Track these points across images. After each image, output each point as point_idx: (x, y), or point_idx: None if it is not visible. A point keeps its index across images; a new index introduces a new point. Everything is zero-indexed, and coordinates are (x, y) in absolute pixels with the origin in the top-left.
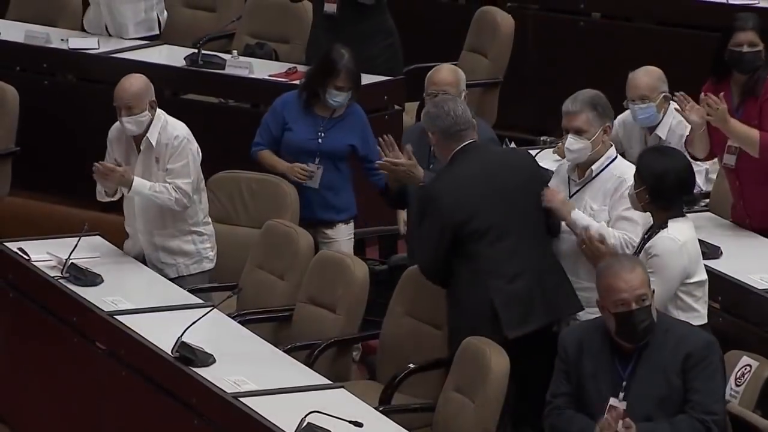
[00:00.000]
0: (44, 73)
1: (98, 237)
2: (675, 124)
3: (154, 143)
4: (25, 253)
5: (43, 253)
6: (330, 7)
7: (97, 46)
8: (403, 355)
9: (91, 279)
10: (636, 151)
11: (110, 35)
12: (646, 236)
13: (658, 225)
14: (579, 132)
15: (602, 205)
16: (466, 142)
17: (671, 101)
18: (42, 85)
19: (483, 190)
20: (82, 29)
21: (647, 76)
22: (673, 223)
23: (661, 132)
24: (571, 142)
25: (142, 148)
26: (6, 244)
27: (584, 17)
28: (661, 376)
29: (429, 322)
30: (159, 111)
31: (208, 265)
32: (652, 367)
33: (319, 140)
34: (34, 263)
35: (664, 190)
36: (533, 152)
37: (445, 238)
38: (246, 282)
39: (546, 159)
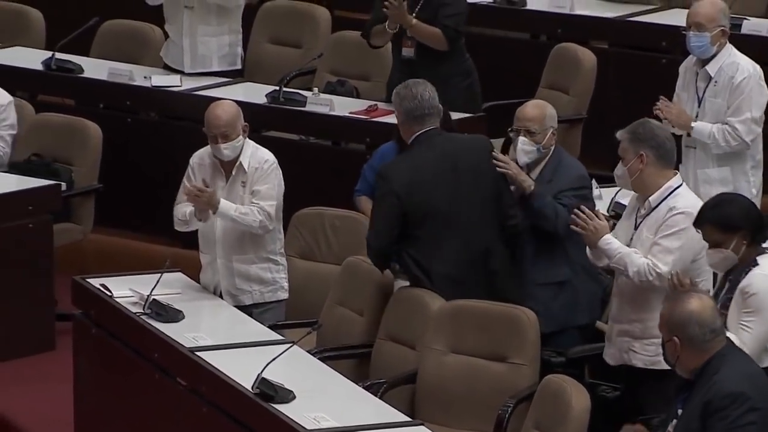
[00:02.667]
0: (127, 111)
1: (180, 273)
2: (727, 63)
3: (246, 167)
4: (108, 290)
5: (126, 289)
6: (408, 52)
7: (179, 84)
8: (452, 395)
9: (173, 315)
10: (687, 95)
11: (184, 73)
12: (730, 277)
13: (749, 263)
14: (621, 159)
15: (651, 235)
16: (429, 128)
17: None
18: (125, 122)
19: (437, 175)
20: (165, 65)
21: (710, 6)
22: (764, 258)
23: (711, 69)
24: (617, 168)
25: (233, 172)
26: (89, 280)
27: (666, 55)
28: (687, 418)
29: (484, 356)
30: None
31: (283, 295)
32: (689, 407)
33: None
34: (116, 299)
35: (762, 228)
36: (614, 189)
37: (399, 218)
38: (326, 318)
39: (628, 196)
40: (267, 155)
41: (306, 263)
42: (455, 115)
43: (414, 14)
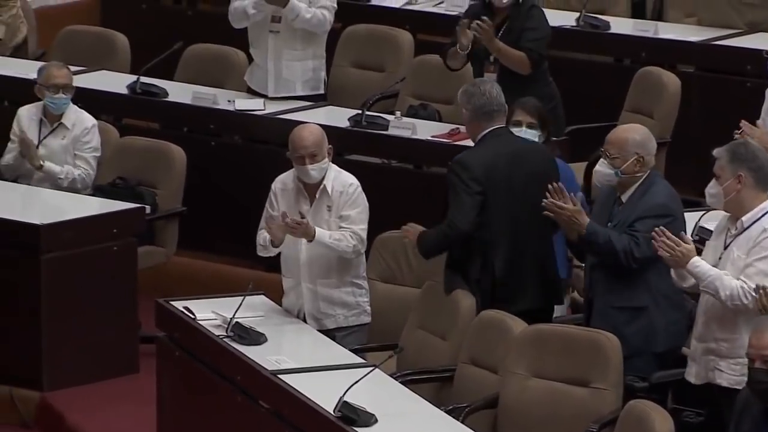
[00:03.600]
0: (211, 134)
1: (262, 296)
2: None
3: (330, 191)
4: (191, 312)
5: (209, 312)
6: (490, 77)
7: (263, 108)
8: (534, 420)
9: (255, 338)
10: None
11: (268, 97)
12: None
13: None
14: (716, 177)
15: (743, 254)
16: (497, 126)
17: None
18: (209, 145)
19: (508, 168)
20: (248, 89)
21: None
22: None
23: None
24: (710, 186)
25: (317, 195)
26: (172, 302)
27: (751, 78)
28: None
29: (567, 380)
30: None
31: (366, 319)
32: None
33: None
34: (199, 322)
35: None
36: (699, 213)
37: (479, 201)
38: (407, 342)
39: (712, 220)
40: (351, 179)
41: (387, 287)
42: None
43: (497, 39)
